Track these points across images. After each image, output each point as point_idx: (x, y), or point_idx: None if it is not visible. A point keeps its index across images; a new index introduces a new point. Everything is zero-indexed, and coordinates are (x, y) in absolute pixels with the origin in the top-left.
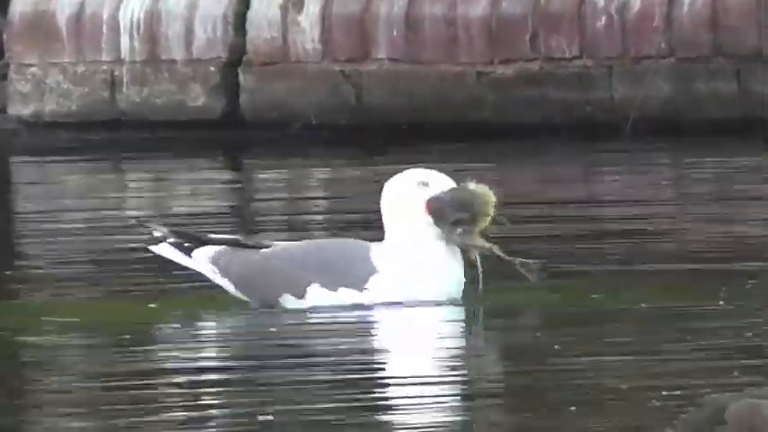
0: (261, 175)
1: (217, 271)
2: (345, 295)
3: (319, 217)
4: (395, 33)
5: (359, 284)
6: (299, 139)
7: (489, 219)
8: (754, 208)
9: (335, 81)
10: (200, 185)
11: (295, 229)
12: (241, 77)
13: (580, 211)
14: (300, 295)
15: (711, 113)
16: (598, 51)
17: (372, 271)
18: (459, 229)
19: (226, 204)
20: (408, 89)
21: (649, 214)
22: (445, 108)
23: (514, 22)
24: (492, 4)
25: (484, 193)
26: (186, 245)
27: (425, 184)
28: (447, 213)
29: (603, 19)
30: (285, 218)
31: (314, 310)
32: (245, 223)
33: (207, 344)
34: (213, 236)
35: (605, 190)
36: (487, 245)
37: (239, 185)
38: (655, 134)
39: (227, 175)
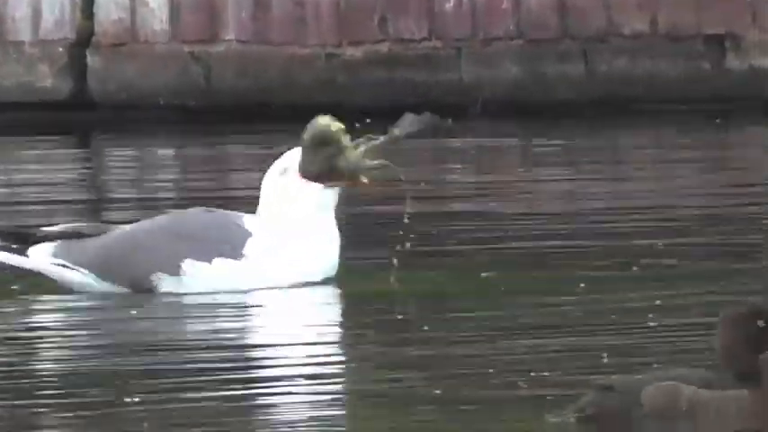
0: (109, 157)
1: (67, 265)
2: (222, 265)
3: (170, 194)
4: (243, 15)
5: (236, 251)
6: (147, 120)
7: (349, 139)
8: (601, 185)
9: (184, 62)
10: (47, 167)
11: (146, 209)
12: (89, 59)
13: (427, 192)
14: (174, 272)
15: (559, 95)
16: (447, 33)
17: (247, 235)
18: (339, 160)
19: (73, 187)
20: (257, 71)
21: (501, 194)
22: (293, 90)
23: (363, 3)
24: None
25: (324, 124)
26: (15, 246)
27: (284, 171)
28: (315, 161)
29: (452, 1)
30: (135, 197)
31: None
32: (94, 206)
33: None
34: (46, 230)
35: (454, 175)
36: (375, 161)
37: (88, 167)
38: (504, 115)
39: (75, 156)
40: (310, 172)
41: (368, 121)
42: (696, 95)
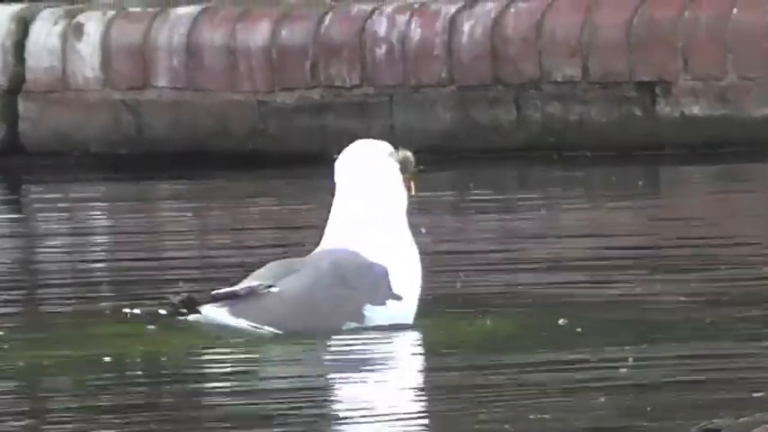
0: (40, 204)
1: (253, 324)
2: (393, 306)
3: (100, 239)
4: (175, 62)
5: (392, 290)
6: (79, 167)
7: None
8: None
9: (116, 110)
10: None
11: (77, 251)
12: (21, 106)
13: None
14: (360, 320)
15: (491, 142)
16: (379, 79)
17: (386, 272)
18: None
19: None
20: (189, 118)
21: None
22: (227, 136)
23: (295, 50)
24: (272, 32)
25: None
26: (184, 310)
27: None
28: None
29: (384, 47)
30: (66, 243)
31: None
32: (24, 256)
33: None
34: (215, 292)
35: None
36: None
37: (18, 215)
38: (436, 162)
39: (5, 204)
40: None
41: None
42: (627, 141)
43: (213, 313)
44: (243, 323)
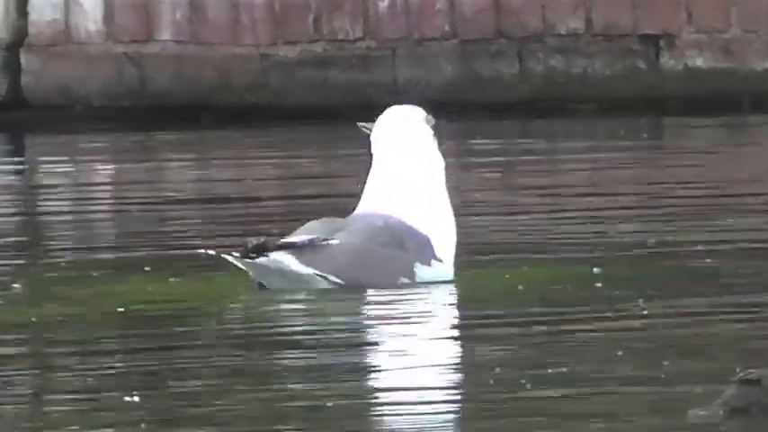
0: (44, 158)
1: (320, 273)
2: (438, 266)
3: (105, 201)
4: (178, 15)
5: (435, 252)
6: (82, 120)
7: None
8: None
9: (119, 63)
10: None
11: (80, 224)
12: (23, 59)
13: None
14: (411, 276)
15: (494, 95)
16: (381, 33)
17: (429, 239)
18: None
19: (8, 188)
20: (192, 71)
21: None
22: (229, 90)
23: (297, 3)
24: None
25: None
26: (253, 255)
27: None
28: None
29: (387, 1)
30: (70, 204)
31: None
32: (27, 207)
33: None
34: (284, 240)
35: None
36: None
37: (22, 168)
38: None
39: (9, 158)
40: None
41: None
42: (631, 94)
43: (283, 259)
44: (309, 271)
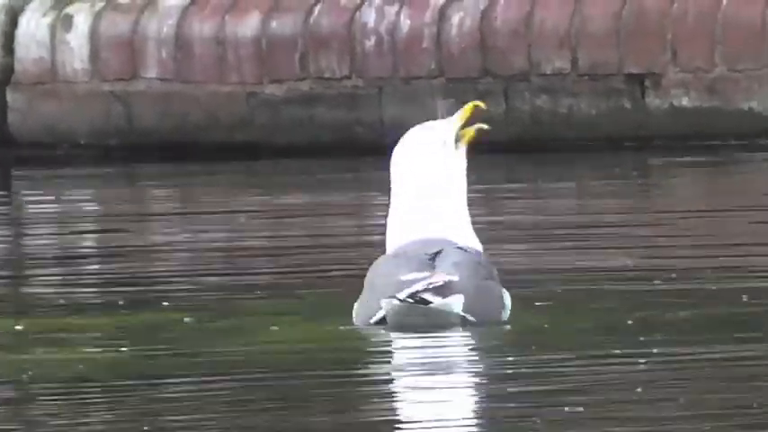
0: (29, 195)
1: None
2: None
3: (89, 226)
4: (164, 54)
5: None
6: (68, 159)
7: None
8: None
9: (105, 101)
10: None
11: (66, 263)
12: (9, 97)
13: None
14: (505, 306)
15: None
16: (368, 71)
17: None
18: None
19: None
20: (178, 109)
21: None
22: (216, 128)
23: (284, 41)
24: (261, 23)
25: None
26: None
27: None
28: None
29: (373, 39)
30: (55, 244)
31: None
32: (14, 250)
33: None
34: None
35: (373, 210)
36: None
37: (6, 206)
38: None
39: None
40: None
41: None
42: (617, 133)
43: (453, 302)
44: (457, 310)
